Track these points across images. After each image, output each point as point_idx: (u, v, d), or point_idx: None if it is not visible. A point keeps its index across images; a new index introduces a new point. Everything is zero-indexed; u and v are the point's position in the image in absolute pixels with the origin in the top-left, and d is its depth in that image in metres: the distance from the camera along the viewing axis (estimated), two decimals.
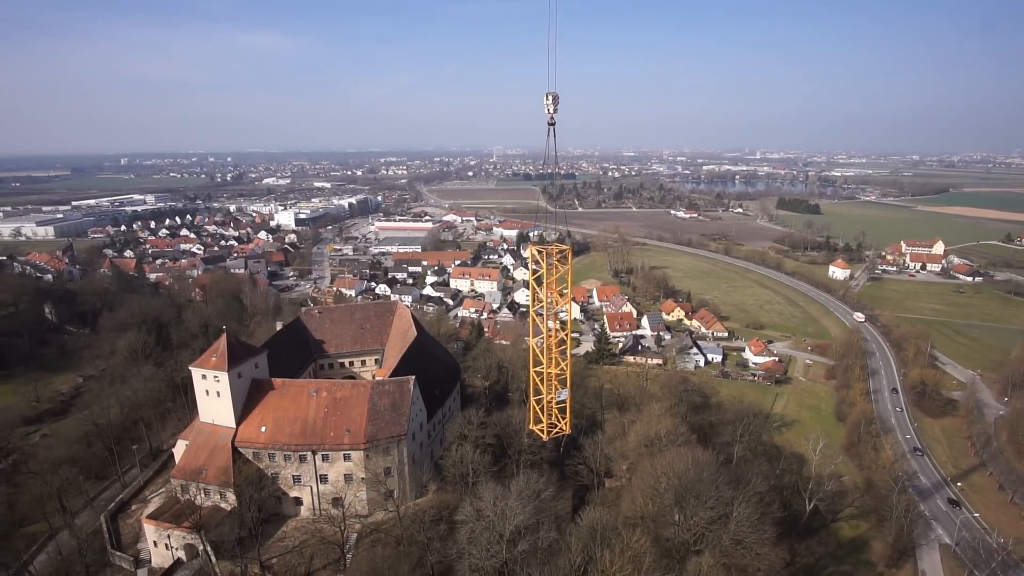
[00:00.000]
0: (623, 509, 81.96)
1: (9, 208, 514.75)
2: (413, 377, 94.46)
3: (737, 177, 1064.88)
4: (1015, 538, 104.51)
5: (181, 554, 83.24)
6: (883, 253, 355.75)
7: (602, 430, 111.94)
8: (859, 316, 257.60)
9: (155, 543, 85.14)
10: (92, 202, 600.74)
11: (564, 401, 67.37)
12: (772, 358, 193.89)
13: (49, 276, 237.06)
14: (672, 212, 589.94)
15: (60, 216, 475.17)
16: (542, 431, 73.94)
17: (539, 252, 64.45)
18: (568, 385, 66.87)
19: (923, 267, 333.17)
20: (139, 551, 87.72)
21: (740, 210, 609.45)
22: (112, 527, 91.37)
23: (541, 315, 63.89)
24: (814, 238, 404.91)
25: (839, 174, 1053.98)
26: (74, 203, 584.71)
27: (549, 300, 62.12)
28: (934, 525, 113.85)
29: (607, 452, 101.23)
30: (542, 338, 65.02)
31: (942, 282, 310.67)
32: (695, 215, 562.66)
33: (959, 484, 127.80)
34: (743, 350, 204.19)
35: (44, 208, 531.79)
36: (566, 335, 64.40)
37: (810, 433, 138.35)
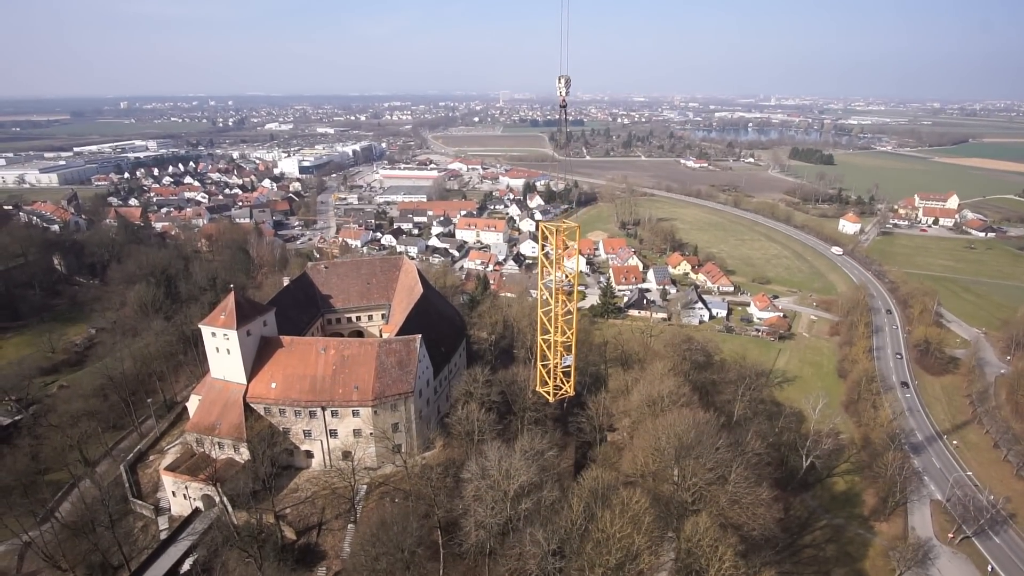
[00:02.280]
0: (624, 468, 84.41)
1: (11, 154, 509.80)
2: (419, 336, 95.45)
3: (750, 125, 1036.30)
4: (1005, 496, 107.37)
5: (199, 504, 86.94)
6: (895, 207, 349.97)
7: (605, 387, 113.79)
8: (837, 250, 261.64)
9: (174, 493, 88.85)
10: (94, 148, 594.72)
11: (569, 366, 68.39)
12: (777, 313, 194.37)
13: (56, 227, 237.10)
14: (682, 161, 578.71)
15: (63, 163, 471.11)
16: (548, 393, 75.56)
17: (548, 230, 64.09)
18: (573, 351, 67.66)
19: (935, 222, 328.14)
20: (159, 500, 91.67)
21: (751, 160, 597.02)
22: (132, 477, 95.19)
23: (549, 287, 64.06)
24: (826, 190, 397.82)
25: (856, 122, 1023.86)
26: (76, 149, 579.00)
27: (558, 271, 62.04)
28: (926, 481, 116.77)
29: (610, 409, 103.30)
30: (549, 304, 65.36)
31: (954, 237, 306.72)
32: (705, 165, 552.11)
33: (955, 442, 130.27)
34: (748, 305, 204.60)
35: (46, 154, 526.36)
36: (572, 306, 64.64)
37: (811, 390, 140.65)
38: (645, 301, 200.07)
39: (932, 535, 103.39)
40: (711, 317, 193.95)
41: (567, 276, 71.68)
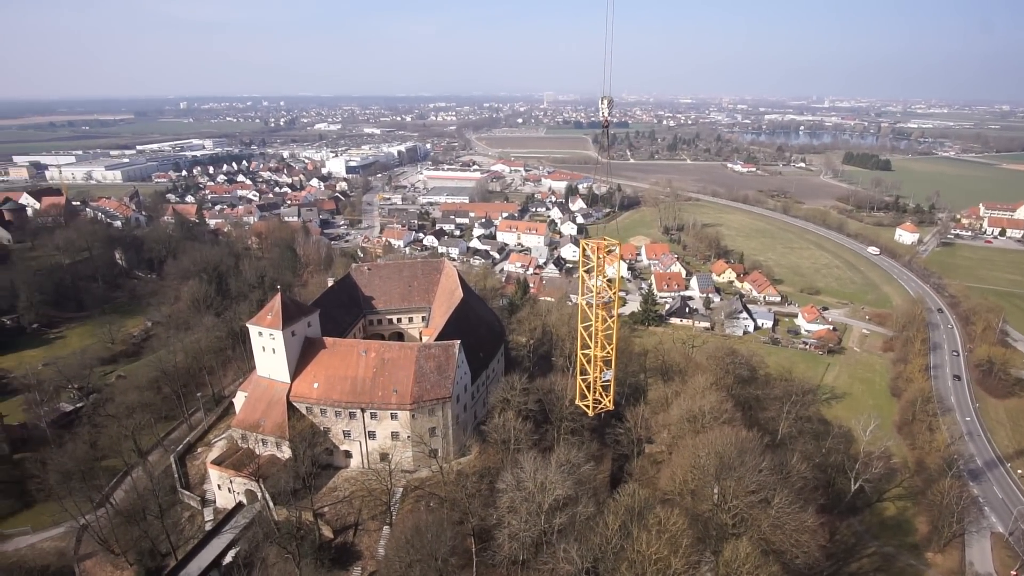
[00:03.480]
0: (661, 484, 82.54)
1: (80, 152, 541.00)
2: (458, 342, 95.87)
3: (801, 128, 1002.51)
4: None
5: (242, 498, 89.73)
6: (958, 216, 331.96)
7: (645, 399, 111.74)
8: (873, 250, 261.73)
9: (219, 486, 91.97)
10: (155, 147, 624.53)
11: (609, 380, 67.44)
12: (826, 326, 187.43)
13: (118, 222, 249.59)
14: (729, 165, 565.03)
15: (127, 160, 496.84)
16: (587, 407, 74.69)
17: (588, 248, 63.60)
18: (613, 365, 66.63)
19: (1002, 233, 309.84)
20: (204, 491, 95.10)
21: (803, 164, 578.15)
22: (180, 468, 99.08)
23: (591, 304, 63.38)
24: (882, 197, 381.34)
25: (916, 126, 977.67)
26: (138, 147, 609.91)
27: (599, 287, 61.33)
28: (987, 512, 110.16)
29: (648, 423, 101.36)
30: (589, 319, 64.57)
31: (1022, 250, 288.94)
32: (753, 169, 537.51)
33: (1020, 471, 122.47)
34: (796, 316, 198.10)
35: (112, 152, 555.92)
36: (613, 321, 63.65)
37: (861, 408, 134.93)
38: (687, 309, 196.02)
39: (992, 571, 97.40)
40: (756, 328, 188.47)
41: (608, 285, 70.45)
